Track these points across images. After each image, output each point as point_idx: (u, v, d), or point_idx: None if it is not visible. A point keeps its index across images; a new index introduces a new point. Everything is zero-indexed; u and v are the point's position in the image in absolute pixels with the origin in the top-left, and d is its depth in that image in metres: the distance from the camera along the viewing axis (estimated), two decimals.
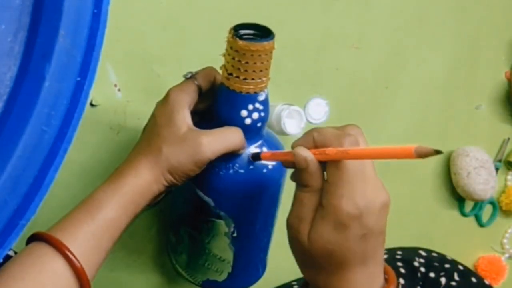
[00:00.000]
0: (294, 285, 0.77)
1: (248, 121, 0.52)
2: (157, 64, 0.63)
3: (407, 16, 0.82)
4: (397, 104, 0.84)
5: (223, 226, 0.56)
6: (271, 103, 0.71)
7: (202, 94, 0.54)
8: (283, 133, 0.69)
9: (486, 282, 0.78)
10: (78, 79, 0.44)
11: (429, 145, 0.61)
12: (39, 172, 0.43)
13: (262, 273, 0.65)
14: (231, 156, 0.52)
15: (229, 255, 0.58)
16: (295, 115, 0.70)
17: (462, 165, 0.88)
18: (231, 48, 0.48)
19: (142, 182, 0.50)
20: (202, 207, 0.56)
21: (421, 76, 0.85)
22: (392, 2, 0.80)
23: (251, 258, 0.61)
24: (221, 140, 0.50)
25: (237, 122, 0.52)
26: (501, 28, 0.92)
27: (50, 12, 0.42)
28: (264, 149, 0.55)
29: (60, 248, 0.45)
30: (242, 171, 0.53)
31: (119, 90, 0.62)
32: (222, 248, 0.58)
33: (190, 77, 0.54)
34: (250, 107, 0.51)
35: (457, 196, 0.93)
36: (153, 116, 0.53)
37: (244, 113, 0.51)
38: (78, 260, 0.45)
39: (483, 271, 0.97)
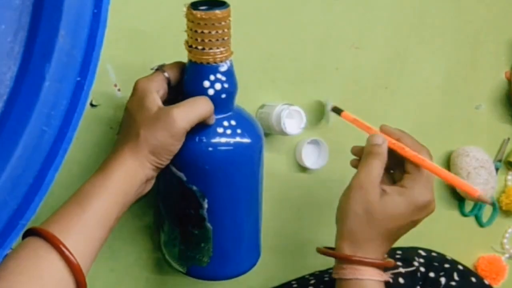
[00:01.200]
0: (294, 285, 0.77)
1: (211, 91, 0.54)
2: (157, 64, 0.63)
3: (407, 16, 0.82)
4: (397, 104, 0.84)
5: (201, 205, 0.57)
6: (271, 103, 0.71)
7: (173, 87, 0.56)
8: (283, 133, 0.69)
9: (486, 282, 0.78)
10: (78, 79, 0.44)
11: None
12: (39, 172, 0.43)
13: (254, 262, 0.65)
14: (200, 128, 0.54)
15: (208, 235, 0.59)
16: (295, 115, 0.70)
17: (462, 165, 0.88)
18: (188, 20, 0.51)
19: (128, 169, 0.51)
20: (178, 188, 0.57)
21: (421, 76, 0.85)
22: (392, 2, 0.80)
23: (232, 240, 0.61)
24: (191, 108, 0.52)
25: (201, 93, 0.54)
26: (501, 28, 0.92)
27: (50, 12, 0.42)
28: (232, 122, 0.56)
29: (54, 242, 0.45)
30: (208, 143, 0.55)
31: (119, 90, 0.62)
32: (200, 230, 0.59)
33: (157, 69, 0.56)
34: (212, 77, 0.53)
35: (457, 196, 0.93)
36: (125, 109, 0.55)
37: (206, 83, 0.54)
38: (71, 252, 0.45)
39: (483, 271, 0.97)
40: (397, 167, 0.62)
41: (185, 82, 0.55)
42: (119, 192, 0.50)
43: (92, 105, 0.61)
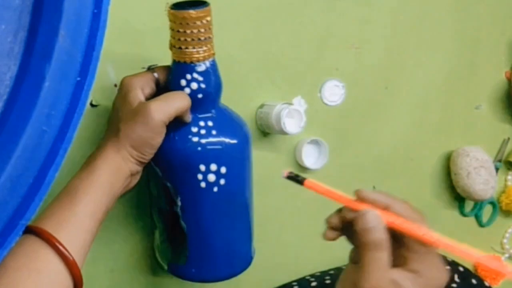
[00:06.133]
0: (294, 285, 0.77)
1: (187, 90, 0.54)
2: (157, 64, 0.63)
3: (407, 16, 0.81)
4: (397, 104, 0.84)
5: (174, 202, 0.57)
6: (270, 102, 0.71)
7: (162, 88, 0.56)
8: (283, 132, 0.69)
9: (486, 283, 0.78)
10: (78, 79, 0.44)
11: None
12: (39, 172, 0.43)
13: (236, 270, 0.61)
14: (177, 125, 0.55)
15: (182, 233, 0.58)
16: (295, 114, 0.70)
17: (462, 165, 0.88)
18: (169, 20, 0.52)
19: (112, 162, 0.52)
20: (158, 183, 0.58)
21: (421, 76, 0.85)
22: (392, 2, 0.80)
23: (207, 243, 0.59)
24: (167, 101, 0.53)
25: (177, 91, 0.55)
26: (501, 28, 0.92)
27: (50, 12, 0.42)
28: (210, 123, 0.56)
29: (48, 238, 0.46)
30: (180, 140, 0.55)
31: None
32: (176, 227, 0.59)
33: (148, 69, 0.57)
34: (188, 76, 0.54)
35: (457, 196, 0.93)
36: (112, 105, 0.56)
37: (182, 82, 0.54)
38: (65, 248, 0.47)
39: (483, 271, 0.97)
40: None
41: (168, 80, 0.56)
42: (106, 185, 0.52)
43: (92, 105, 0.61)
